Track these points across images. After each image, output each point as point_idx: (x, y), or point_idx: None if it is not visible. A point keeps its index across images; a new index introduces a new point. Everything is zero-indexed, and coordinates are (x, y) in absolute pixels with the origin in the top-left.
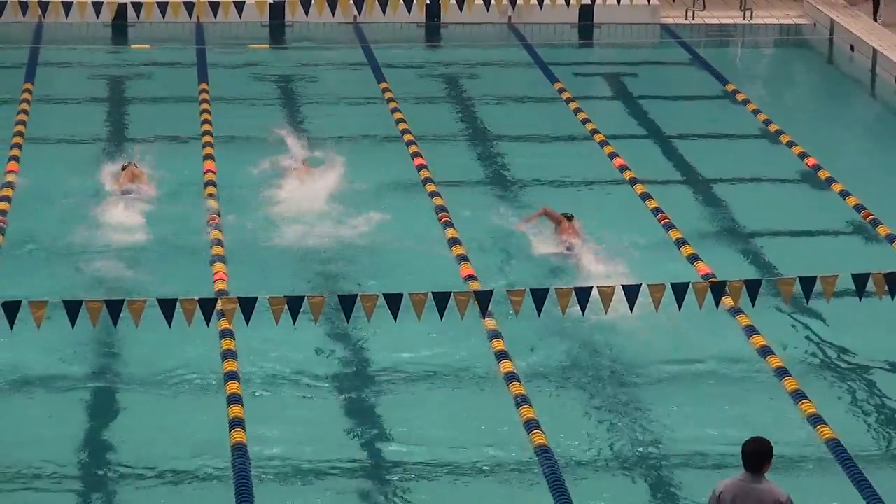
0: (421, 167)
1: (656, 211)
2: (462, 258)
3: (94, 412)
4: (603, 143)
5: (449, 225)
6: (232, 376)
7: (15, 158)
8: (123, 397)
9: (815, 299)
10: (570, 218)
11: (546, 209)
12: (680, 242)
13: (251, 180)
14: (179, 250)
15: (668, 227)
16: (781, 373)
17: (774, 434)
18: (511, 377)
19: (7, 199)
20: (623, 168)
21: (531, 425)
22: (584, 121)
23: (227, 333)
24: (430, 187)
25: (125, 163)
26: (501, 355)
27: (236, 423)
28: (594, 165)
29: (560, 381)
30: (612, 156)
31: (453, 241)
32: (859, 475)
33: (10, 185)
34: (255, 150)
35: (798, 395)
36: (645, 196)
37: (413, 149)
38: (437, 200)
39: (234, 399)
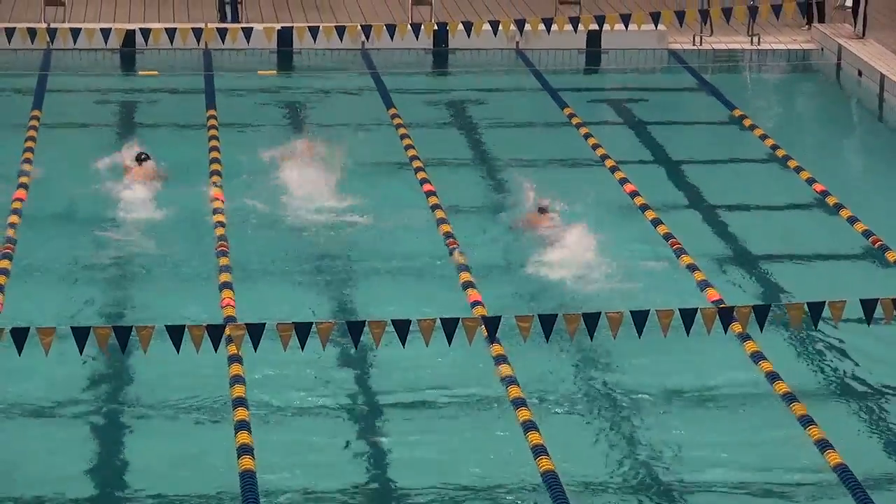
0: (429, 193)
1: (667, 237)
2: (468, 284)
3: (99, 438)
4: (613, 169)
5: (455, 250)
6: (240, 402)
7: (23, 186)
8: (129, 422)
9: (824, 324)
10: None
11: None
12: (691, 268)
13: (258, 206)
14: (187, 275)
15: (680, 252)
16: (789, 398)
17: (782, 459)
18: (518, 402)
19: (14, 225)
20: (634, 194)
21: (538, 451)
22: (595, 146)
23: (235, 359)
24: (440, 213)
25: (138, 155)
26: (509, 380)
27: (244, 450)
28: (605, 191)
29: (566, 406)
30: (623, 181)
31: (461, 267)
32: (868, 501)
33: (17, 212)
34: (263, 175)
35: (806, 421)
36: (656, 222)
37: (421, 175)
38: (445, 227)
39: (241, 426)
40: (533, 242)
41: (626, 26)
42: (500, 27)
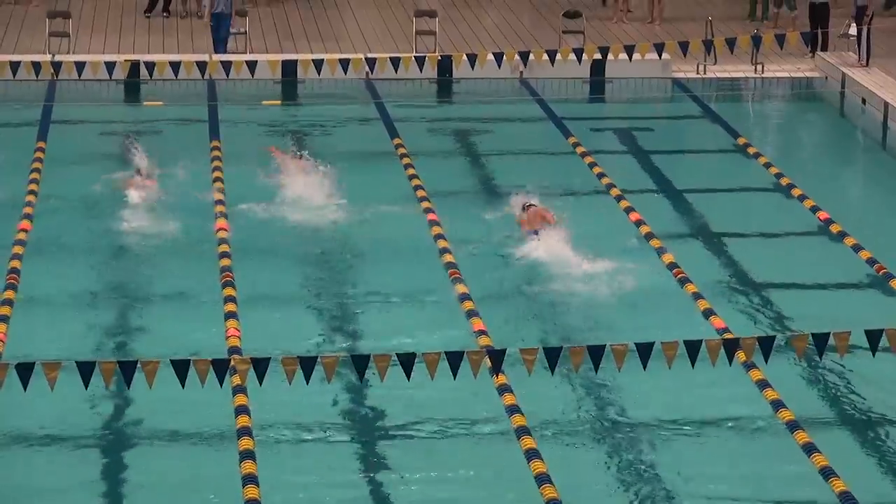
0: (433, 223)
1: (672, 265)
2: (472, 313)
3: (106, 469)
4: (618, 198)
5: (459, 280)
6: (245, 432)
7: (28, 216)
8: (135, 453)
9: (829, 354)
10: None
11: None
12: (695, 297)
13: (263, 235)
14: (193, 307)
15: (684, 281)
16: (793, 426)
17: (787, 487)
18: (522, 431)
19: (18, 256)
20: (639, 223)
21: (542, 479)
22: (600, 175)
23: (240, 390)
24: (442, 243)
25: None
26: (512, 409)
27: (249, 480)
28: (610, 219)
29: (570, 435)
30: (628, 210)
31: (463, 297)
32: None
33: (21, 242)
34: (268, 204)
35: (810, 449)
36: (661, 250)
37: (426, 205)
38: (448, 257)
39: (246, 455)
40: (538, 272)
41: (630, 56)
42: (505, 57)
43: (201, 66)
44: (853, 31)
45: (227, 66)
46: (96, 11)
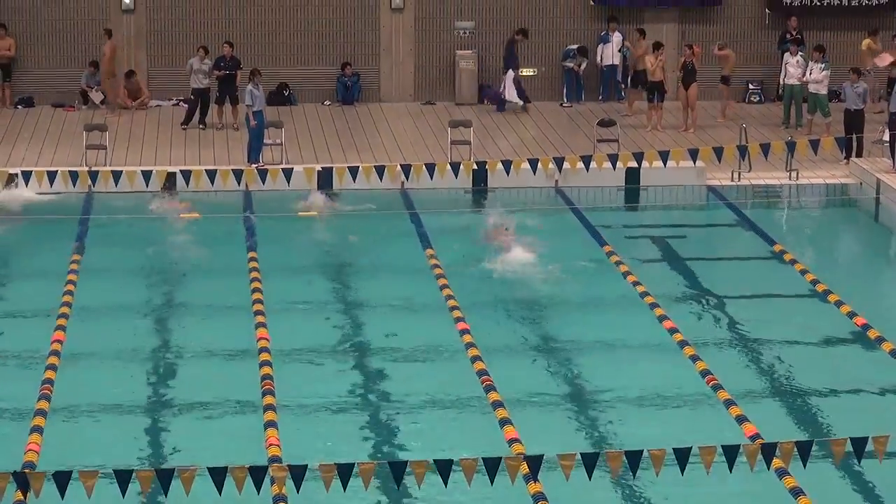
0: (463, 332)
1: (704, 373)
2: (505, 421)
3: None
4: (653, 305)
5: (491, 388)
6: None
7: (61, 328)
8: None
9: (867, 458)
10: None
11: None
12: (728, 403)
13: (302, 344)
14: (234, 415)
15: (716, 388)
16: None
17: None
18: None
19: (53, 367)
20: (672, 331)
21: None
22: (634, 283)
23: (279, 499)
24: (473, 352)
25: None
26: None
27: None
28: (643, 327)
29: None
30: (662, 318)
31: (496, 405)
32: None
33: (55, 353)
34: (305, 314)
35: None
36: (694, 358)
37: (456, 314)
38: (479, 365)
39: None
40: (573, 381)
41: (665, 163)
42: (539, 165)
43: (237, 174)
44: (887, 137)
45: (263, 174)
46: (133, 124)
